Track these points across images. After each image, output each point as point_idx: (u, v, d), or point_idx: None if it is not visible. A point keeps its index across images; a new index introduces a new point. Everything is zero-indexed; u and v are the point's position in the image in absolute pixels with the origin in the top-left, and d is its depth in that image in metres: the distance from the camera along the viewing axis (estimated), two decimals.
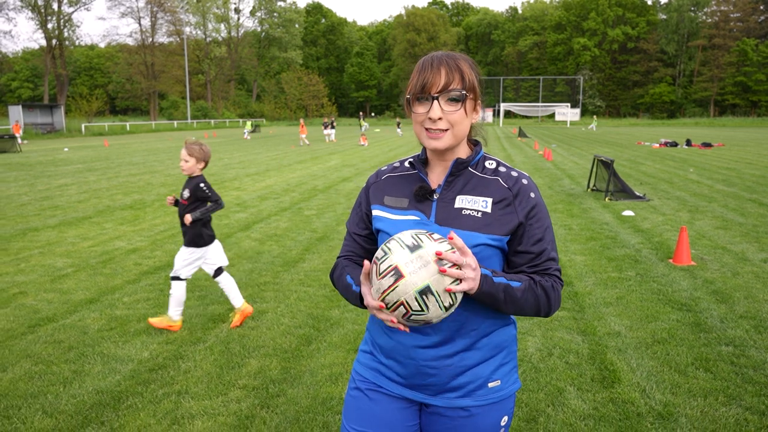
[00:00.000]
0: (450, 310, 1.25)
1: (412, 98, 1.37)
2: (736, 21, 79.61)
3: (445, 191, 1.43)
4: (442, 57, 1.37)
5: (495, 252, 1.39)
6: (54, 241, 7.38)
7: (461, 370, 1.42)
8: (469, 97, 1.38)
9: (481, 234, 1.36)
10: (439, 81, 1.33)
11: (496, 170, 1.45)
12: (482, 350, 1.43)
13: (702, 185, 12.49)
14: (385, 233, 1.46)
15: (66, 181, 13.94)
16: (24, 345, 4.08)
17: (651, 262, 6.17)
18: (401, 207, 1.46)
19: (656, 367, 3.64)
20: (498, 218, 1.38)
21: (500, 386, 1.46)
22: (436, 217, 1.41)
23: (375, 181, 1.57)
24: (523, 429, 2.96)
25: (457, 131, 1.37)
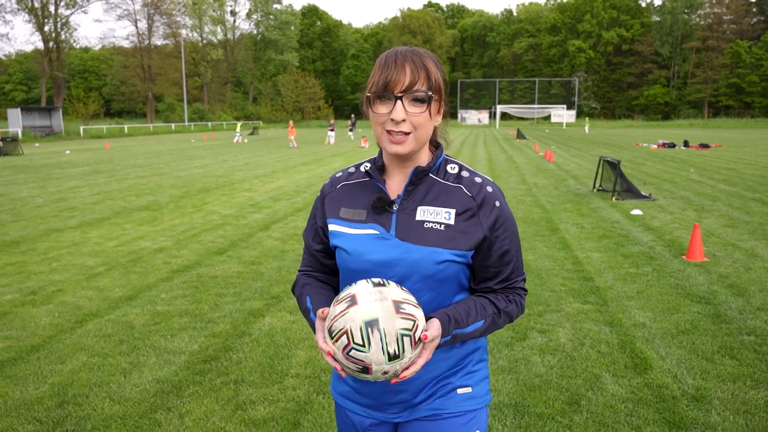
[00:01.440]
0: (393, 364, 1.16)
1: (372, 97, 1.26)
2: (729, 23, 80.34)
3: (405, 202, 1.34)
4: (406, 53, 1.26)
5: (460, 268, 1.33)
6: (79, 242, 7.53)
7: (428, 382, 1.37)
8: (435, 99, 1.28)
9: (444, 250, 1.29)
10: (403, 79, 1.23)
11: (458, 176, 1.37)
12: (450, 360, 1.38)
13: (704, 185, 12.74)
14: (342, 250, 1.37)
15: (76, 183, 14.06)
16: (75, 339, 4.24)
17: (665, 258, 6.39)
18: (359, 220, 1.36)
19: (684, 355, 3.84)
20: (462, 231, 1.30)
21: (471, 394, 1.40)
22: (397, 231, 1.32)
23: (330, 191, 1.45)
24: (567, 411, 3.15)
25: (420, 135, 1.27)
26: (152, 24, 69.65)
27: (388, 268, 1.31)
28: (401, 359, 1.16)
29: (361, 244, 1.34)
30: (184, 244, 7.35)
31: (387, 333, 1.14)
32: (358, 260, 1.33)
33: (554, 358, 3.82)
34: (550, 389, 3.40)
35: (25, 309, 4.91)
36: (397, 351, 1.15)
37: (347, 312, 1.16)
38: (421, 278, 1.30)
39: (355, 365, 1.17)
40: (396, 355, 1.15)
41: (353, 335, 1.14)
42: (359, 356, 1.15)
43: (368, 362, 1.15)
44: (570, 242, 7.22)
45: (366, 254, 1.33)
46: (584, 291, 5.26)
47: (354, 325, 1.15)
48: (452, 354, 1.38)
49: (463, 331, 1.30)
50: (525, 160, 20.16)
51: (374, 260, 1.32)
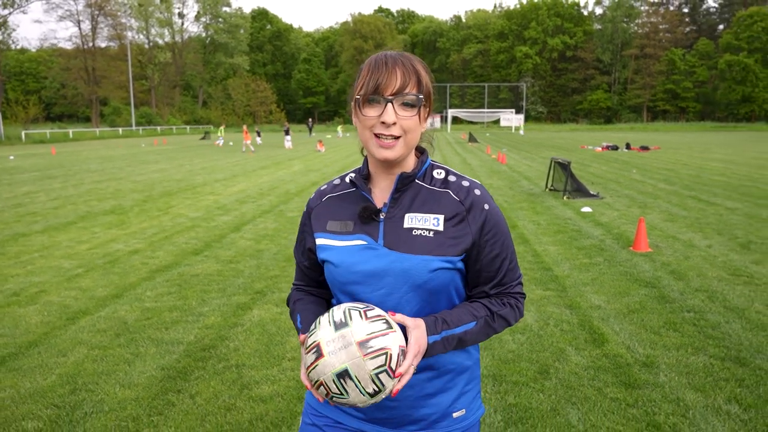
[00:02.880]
0: (378, 397, 1.16)
1: (362, 99, 1.23)
2: (664, 32, 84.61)
3: (392, 209, 1.32)
4: (396, 57, 1.25)
5: (451, 275, 1.31)
6: (49, 245, 7.53)
7: (421, 399, 1.34)
8: (424, 104, 1.27)
9: (434, 257, 1.26)
10: (394, 82, 1.21)
11: (445, 180, 1.35)
12: (443, 378, 1.35)
13: (646, 184, 13.66)
14: (331, 263, 1.34)
15: (30, 188, 13.75)
16: (71, 334, 4.40)
17: (614, 250, 6.99)
18: (346, 231, 1.34)
19: (635, 330, 4.36)
20: (451, 237, 1.28)
21: (465, 416, 1.39)
22: (385, 240, 1.30)
23: (317, 204, 1.43)
24: (539, 378, 3.58)
25: (409, 139, 1.26)
26: (96, 25, 67.56)
27: (377, 279, 1.28)
28: (384, 391, 1.16)
29: (348, 256, 1.31)
30: (158, 245, 7.48)
31: (360, 379, 1.13)
32: (346, 272, 1.31)
33: (523, 336, 4.26)
34: (522, 361, 3.84)
35: (11, 309, 5.00)
36: (377, 388, 1.14)
37: (317, 364, 1.15)
38: (411, 288, 1.27)
39: (342, 404, 1.18)
40: (377, 391, 1.15)
41: (329, 387, 1.15)
42: (342, 401, 1.16)
43: (353, 404, 1.17)
44: (528, 237, 7.75)
45: (354, 265, 1.30)
46: (545, 279, 5.76)
47: (326, 378, 1.14)
48: (443, 371, 1.35)
49: (454, 332, 1.27)
50: (479, 162, 20.88)
51: (363, 271, 1.29)
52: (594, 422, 3.06)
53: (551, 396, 3.36)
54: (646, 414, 3.14)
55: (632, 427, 3.01)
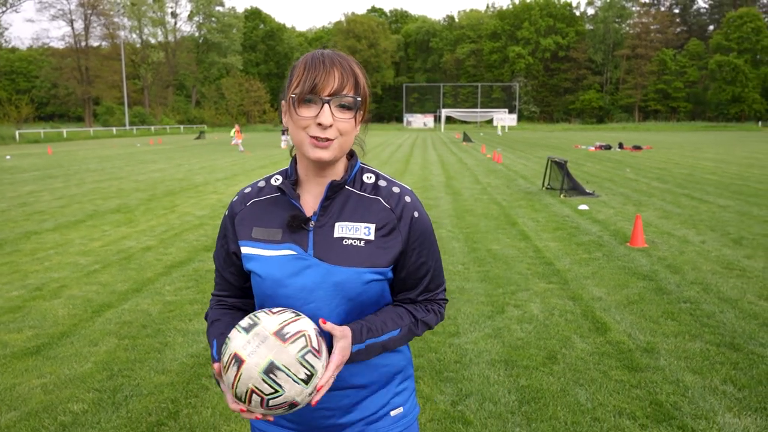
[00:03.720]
0: (312, 383, 1.13)
1: (297, 99, 1.19)
2: (656, 32, 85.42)
3: (321, 218, 1.27)
4: (334, 57, 1.21)
5: (382, 285, 1.29)
6: (62, 243, 7.71)
7: (357, 404, 1.33)
8: (361, 107, 1.23)
9: (366, 269, 1.24)
10: (332, 83, 1.17)
11: (375, 186, 1.31)
12: (377, 381, 1.34)
13: (640, 183, 13.97)
14: (257, 275, 1.28)
15: (33, 188, 13.87)
16: (99, 326, 4.60)
17: (612, 245, 7.26)
18: (274, 240, 1.28)
19: (635, 320, 4.62)
20: (383, 247, 1.26)
21: (403, 413, 1.39)
22: (315, 250, 1.25)
23: (241, 209, 1.35)
24: (547, 363, 3.83)
25: (344, 142, 1.22)
26: (89, 25, 67.33)
27: (307, 293, 1.24)
28: (316, 375, 1.14)
29: (276, 268, 1.26)
30: (169, 243, 7.67)
31: (289, 366, 1.11)
32: (275, 285, 1.26)
33: (530, 326, 4.51)
34: (531, 348, 4.08)
35: (36, 303, 5.19)
36: (308, 371, 1.13)
37: (241, 374, 1.11)
38: (343, 301, 1.25)
39: (280, 409, 1.14)
40: (310, 375, 1.13)
41: (261, 389, 1.10)
42: (279, 401, 1.12)
43: (290, 399, 1.13)
44: (529, 234, 8.01)
45: (283, 279, 1.25)
46: (547, 273, 6.01)
47: (255, 381, 1.10)
48: (378, 373, 1.34)
49: (377, 341, 1.26)
50: (475, 162, 21.15)
51: (293, 284, 1.25)
52: (601, 401, 3.31)
53: (560, 378, 3.60)
54: (648, 393, 3.39)
55: (636, 405, 3.26)
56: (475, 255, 6.83)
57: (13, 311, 4.97)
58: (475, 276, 5.93)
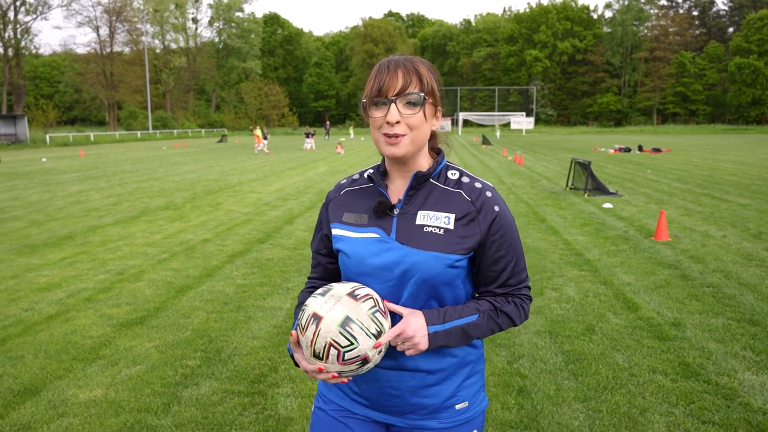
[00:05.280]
0: (381, 339, 1.26)
1: (368, 102, 1.32)
2: (674, 35, 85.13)
3: (405, 206, 1.38)
4: (399, 60, 1.33)
5: (458, 272, 1.36)
6: (126, 236, 8.39)
7: (422, 389, 1.40)
8: (428, 101, 1.33)
9: (444, 254, 1.32)
10: (396, 84, 1.29)
11: (459, 181, 1.40)
12: (445, 369, 1.41)
13: (661, 183, 14.39)
14: (344, 254, 1.41)
15: (79, 187, 14.67)
16: (185, 303, 5.23)
17: (638, 239, 7.76)
18: (361, 224, 1.41)
19: (663, 301, 5.14)
20: (461, 235, 1.34)
21: (467, 408, 1.45)
22: (397, 234, 1.36)
23: (335, 197, 1.51)
24: (587, 333, 4.37)
25: (415, 137, 1.32)
26: (114, 31, 68.97)
27: (387, 272, 1.35)
28: (384, 332, 1.27)
29: (361, 248, 1.38)
30: (223, 236, 8.32)
31: (362, 320, 1.25)
32: (359, 264, 1.38)
33: (568, 305, 5.05)
34: (571, 322, 4.63)
35: (123, 285, 5.85)
36: (378, 327, 1.26)
37: (320, 330, 1.24)
38: (418, 281, 1.33)
39: (354, 364, 1.26)
40: (380, 331, 1.26)
41: (338, 342, 1.24)
42: (354, 354, 1.24)
43: (363, 354, 1.25)
44: (558, 229, 8.53)
45: (366, 258, 1.37)
46: (579, 262, 6.54)
47: (333, 333, 1.24)
48: (444, 363, 1.40)
49: (456, 323, 1.33)
50: (497, 164, 21.65)
51: (374, 263, 1.36)
52: (636, 362, 3.85)
53: (599, 345, 4.15)
54: (677, 357, 3.92)
55: (667, 365, 3.79)
56: None
57: (105, 291, 5.62)
58: None
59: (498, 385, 3.55)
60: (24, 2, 56.46)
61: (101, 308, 5.10)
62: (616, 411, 3.21)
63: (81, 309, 5.08)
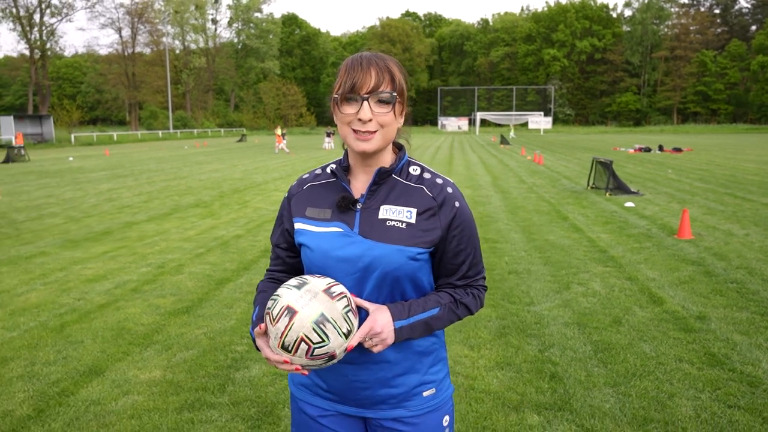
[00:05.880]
0: (349, 340, 1.29)
1: (340, 98, 1.33)
2: (695, 33, 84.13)
3: (368, 201, 1.41)
4: (371, 57, 1.34)
5: (419, 265, 1.40)
6: (161, 232, 8.70)
7: (390, 380, 1.44)
8: (398, 100, 1.37)
9: (406, 247, 1.36)
10: (369, 81, 1.31)
11: (420, 177, 1.44)
12: (410, 359, 1.45)
13: (683, 183, 14.41)
14: (307, 248, 1.44)
15: (109, 186, 15.09)
16: (226, 294, 5.50)
17: (661, 237, 7.88)
18: (324, 218, 1.43)
19: (687, 295, 5.29)
20: (422, 229, 1.38)
21: (435, 394, 1.49)
22: (360, 228, 1.38)
23: (297, 191, 1.52)
24: (614, 325, 4.54)
25: (386, 133, 1.36)
26: (136, 32, 70.09)
27: (350, 265, 1.38)
28: (354, 331, 1.31)
29: (325, 242, 1.40)
30: (255, 232, 8.60)
31: (335, 319, 1.26)
32: (322, 257, 1.40)
33: (594, 299, 5.23)
34: (598, 315, 4.80)
35: (165, 277, 6.13)
36: (349, 327, 1.29)
37: (293, 323, 1.25)
38: (381, 274, 1.37)
39: (321, 360, 1.28)
40: (350, 330, 1.29)
41: (310, 338, 1.25)
42: (322, 350, 1.26)
43: (332, 351, 1.28)
44: (580, 227, 8.68)
45: (330, 251, 1.39)
46: (603, 259, 6.69)
47: (306, 329, 1.24)
48: (407, 353, 1.45)
49: (420, 317, 1.39)
50: (516, 163, 21.74)
51: (337, 256, 1.39)
52: (663, 351, 4.02)
53: (626, 336, 4.32)
54: (703, 347, 4.08)
55: (693, 354, 3.96)
56: (535, 244, 7.54)
57: (150, 282, 5.91)
58: (538, 261, 6.66)
59: (531, 371, 3.75)
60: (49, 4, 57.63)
61: (148, 298, 5.38)
62: (645, 395, 3.39)
63: (129, 299, 5.37)
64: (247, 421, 3.18)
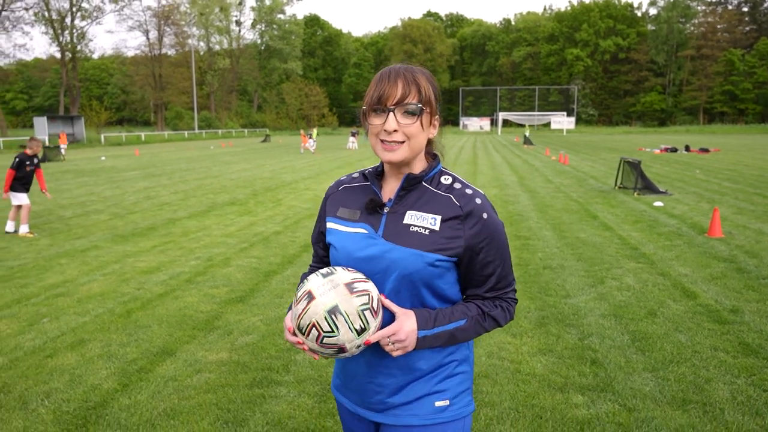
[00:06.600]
0: (362, 337, 1.30)
1: (368, 109, 1.38)
2: (722, 32, 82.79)
3: (395, 205, 1.43)
4: (399, 70, 1.38)
5: (439, 272, 1.40)
6: (203, 228, 9.08)
7: (404, 386, 1.44)
8: (426, 111, 1.38)
9: (427, 253, 1.36)
10: (395, 93, 1.34)
11: (450, 186, 1.44)
12: (423, 369, 1.44)
13: (711, 183, 14.41)
14: (333, 247, 1.48)
15: (146, 184, 15.60)
16: (275, 285, 5.81)
17: (691, 235, 8.01)
18: (353, 219, 1.47)
19: (720, 290, 5.45)
20: (445, 237, 1.38)
21: (448, 406, 1.45)
22: (384, 231, 1.41)
23: (333, 192, 1.58)
24: (649, 317, 4.74)
25: (413, 144, 1.37)
26: (163, 35, 71.41)
27: (370, 265, 1.40)
28: (368, 330, 1.31)
29: (349, 242, 1.44)
30: (293, 228, 8.92)
31: (349, 314, 1.28)
32: (345, 257, 1.44)
33: (629, 293, 5.42)
34: (633, 307, 5.00)
35: (215, 270, 6.47)
36: (363, 325, 1.29)
37: (309, 308, 1.29)
38: (398, 278, 1.38)
39: (330, 350, 1.31)
40: (363, 329, 1.30)
41: (321, 326, 1.28)
42: (332, 341, 1.29)
43: (341, 343, 1.29)
44: (611, 225, 8.83)
45: (352, 251, 1.43)
46: (635, 256, 6.86)
47: (318, 317, 1.28)
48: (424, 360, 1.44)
49: (445, 328, 1.39)
50: (541, 163, 21.82)
51: (358, 257, 1.42)
52: (699, 341, 4.21)
53: (662, 327, 4.52)
54: (736, 338, 4.26)
55: (728, 344, 4.14)
56: (566, 241, 7.74)
57: (201, 274, 6.26)
58: (571, 257, 6.86)
59: (572, 357, 3.98)
60: (80, 8, 59.04)
61: (202, 288, 5.72)
62: (683, 380, 3.60)
63: (185, 289, 5.71)
64: (312, 396, 3.47)
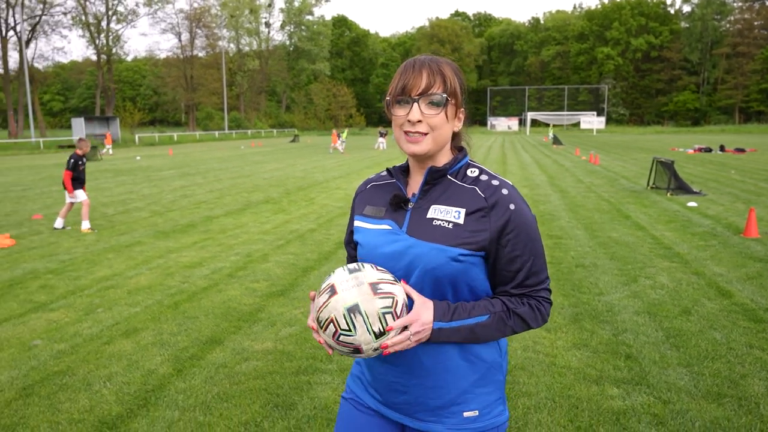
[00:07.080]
0: (381, 340, 1.25)
1: (392, 100, 1.35)
2: (760, 29, 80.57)
3: (420, 200, 1.40)
4: (424, 60, 1.35)
5: (464, 267, 1.34)
6: (240, 225, 9.35)
7: (429, 390, 1.39)
8: (451, 102, 1.35)
9: (450, 247, 1.32)
10: (420, 83, 1.32)
11: (476, 179, 1.40)
12: (452, 372, 1.38)
13: (747, 183, 14.17)
14: (360, 244, 1.47)
15: (181, 183, 16.03)
16: (314, 279, 6.00)
17: (726, 235, 7.96)
18: (378, 216, 1.45)
19: (756, 290, 5.45)
20: (470, 230, 1.33)
21: (477, 417, 1.40)
22: (408, 227, 1.38)
23: (362, 191, 1.58)
24: (683, 315, 4.79)
25: (437, 136, 1.35)
26: (194, 37, 72.78)
27: (394, 261, 1.38)
28: (388, 335, 1.25)
29: (373, 238, 1.43)
30: (327, 226, 9.13)
31: (369, 315, 1.23)
32: (370, 254, 1.43)
33: (663, 291, 5.46)
34: (667, 305, 5.05)
35: (254, 265, 6.70)
36: (382, 329, 1.24)
37: (329, 302, 1.26)
38: (421, 273, 1.34)
39: (346, 348, 1.27)
40: (382, 332, 1.24)
41: (339, 323, 1.24)
42: (348, 340, 1.25)
43: (357, 344, 1.25)
44: (644, 225, 8.82)
45: (376, 248, 1.42)
46: (669, 255, 6.87)
47: (337, 313, 1.24)
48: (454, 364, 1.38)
49: (464, 323, 1.32)
50: (571, 163, 21.67)
51: (382, 253, 1.40)
52: (734, 338, 4.26)
53: (696, 324, 4.57)
54: None
55: (764, 342, 4.18)
56: (598, 240, 7.77)
57: (242, 269, 6.50)
58: (604, 256, 6.90)
59: (606, 352, 4.07)
60: (116, 12, 60.61)
61: (244, 283, 5.95)
62: (718, 375, 3.67)
63: (227, 283, 5.95)
64: None
